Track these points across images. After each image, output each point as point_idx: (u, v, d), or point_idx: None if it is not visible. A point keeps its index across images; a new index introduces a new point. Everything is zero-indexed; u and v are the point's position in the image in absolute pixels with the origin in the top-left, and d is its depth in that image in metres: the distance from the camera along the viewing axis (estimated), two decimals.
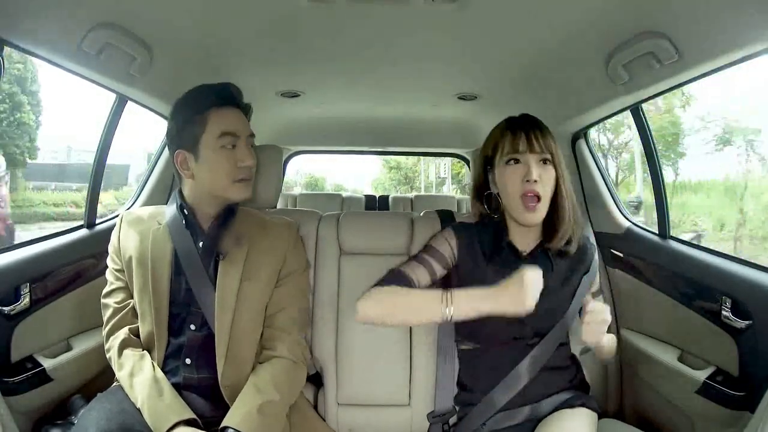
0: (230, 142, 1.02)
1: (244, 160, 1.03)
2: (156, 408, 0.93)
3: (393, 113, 2.26)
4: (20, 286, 1.14)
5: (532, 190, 0.99)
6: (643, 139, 1.42)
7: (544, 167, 1.01)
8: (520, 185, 1.00)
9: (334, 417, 1.23)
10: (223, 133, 1.01)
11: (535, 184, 0.98)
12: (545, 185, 1.00)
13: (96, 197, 1.47)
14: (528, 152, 1.00)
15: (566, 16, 1.10)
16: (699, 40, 0.99)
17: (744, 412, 1.06)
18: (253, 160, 1.06)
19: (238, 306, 1.04)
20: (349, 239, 1.32)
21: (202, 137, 1.01)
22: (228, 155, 1.02)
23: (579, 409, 1.04)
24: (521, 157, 1.01)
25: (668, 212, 1.43)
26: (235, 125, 1.03)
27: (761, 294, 1.06)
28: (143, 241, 1.07)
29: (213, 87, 1.04)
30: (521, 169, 1.00)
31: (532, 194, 0.99)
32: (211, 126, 1.01)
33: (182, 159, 1.04)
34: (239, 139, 1.04)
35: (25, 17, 0.92)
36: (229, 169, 1.02)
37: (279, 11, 1.13)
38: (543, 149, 1.00)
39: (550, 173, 1.01)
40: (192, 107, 1.03)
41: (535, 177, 0.98)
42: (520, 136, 1.01)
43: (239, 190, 1.04)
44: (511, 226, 1.08)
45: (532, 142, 1.00)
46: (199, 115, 1.01)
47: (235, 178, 1.03)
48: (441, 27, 1.20)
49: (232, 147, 1.02)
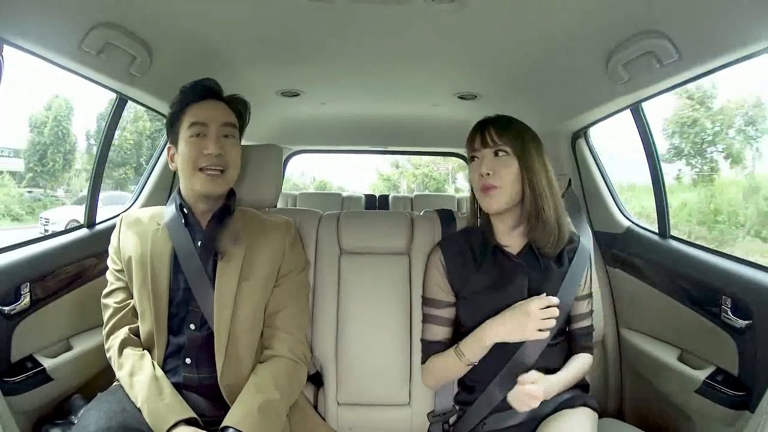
0: (198, 131, 1.05)
1: (208, 148, 1.04)
2: (156, 407, 0.93)
3: (393, 112, 2.26)
4: (20, 285, 1.13)
5: (486, 182, 1.03)
6: (643, 139, 1.42)
7: (500, 159, 1.04)
8: (478, 179, 1.05)
9: (334, 416, 1.23)
10: (191, 123, 1.06)
11: (488, 177, 1.03)
12: (501, 177, 1.03)
13: (96, 197, 1.47)
14: (482, 148, 1.05)
15: (566, 15, 1.10)
16: (699, 39, 0.99)
17: (744, 412, 1.06)
18: (223, 150, 1.05)
19: (237, 305, 1.04)
20: (349, 239, 1.32)
21: (180, 131, 1.07)
22: (194, 143, 1.05)
23: (579, 408, 1.04)
24: (478, 154, 1.07)
25: (668, 212, 1.43)
26: (204, 115, 1.06)
27: (761, 293, 1.06)
28: (143, 242, 1.08)
29: (194, 83, 1.10)
30: (478, 164, 1.06)
31: (487, 187, 1.03)
32: (185, 119, 1.07)
33: (171, 153, 1.11)
34: (208, 128, 1.06)
35: (25, 17, 0.92)
36: (193, 156, 1.04)
37: (279, 11, 1.13)
38: (497, 143, 1.04)
39: (507, 165, 1.03)
40: (177, 104, 1.09)
41: (486, 170, 1.03)
42: (476, 134, 1.07)
43: (202, 180, 1.04)
44: (496, 227, 1.10)
45: (485, 137, 1.05)
46: (180, 111, 1.08)
47: (198, 166, 1.04)
48: (441, 26, 1.20)
49: (198, 136, 1.05)
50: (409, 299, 1.26)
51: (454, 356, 1.06)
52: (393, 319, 1.25)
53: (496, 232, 1.10)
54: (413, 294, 1.26)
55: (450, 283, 1.12)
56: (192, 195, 1.08)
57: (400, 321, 1.25)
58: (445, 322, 1.12)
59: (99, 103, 13.48)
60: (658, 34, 1.03)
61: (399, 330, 1.24)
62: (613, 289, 1.57)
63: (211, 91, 1.10)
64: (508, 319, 1.01)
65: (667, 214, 1.43)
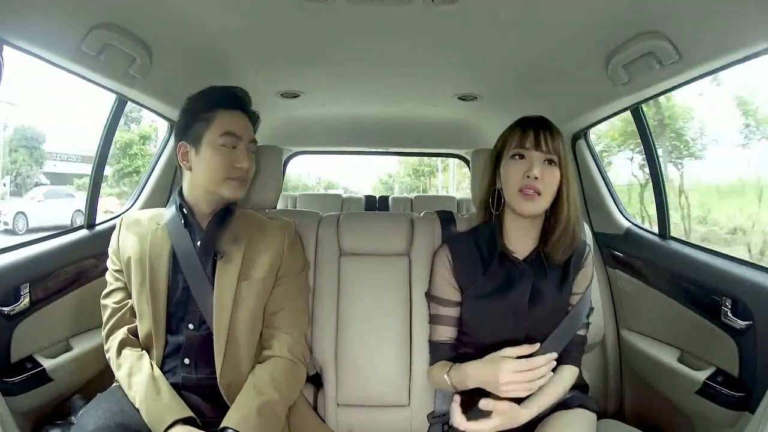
0: (231, 142, 1.05)
1: (241, 162, 1.05)
2: (154, 407, 0.93)
3: (393, 113, 2.27)
4: (20, 286, 1.14)
5: (533, 185, 0.99)
6: (643, 140, 1.42)
7: (548, 167, 1.01)
8: (521, 179, 1.00)
9: (334, 417, 1.23)
10: (225, 133, 1.05)
11: (536, 181, 0.99)
12: (546, 185, 1.00)
13: (96, 198, 1.47)
14: (534, 149, 1.01)
15: (566, 16, 1.10)
16: (699, 40, 0.99)
17: (744, 413, 1.06)
18: (251, 165, 1.08)
19: (236, 305, 1.04)
20: (349, 240, 1.32)
21: (206, 134, 1.05)
22: (227, 153, 1.05)
23: (576, 410, 1.04)
24: (526, 153, 1.01)
25: (668, 212, 1.43)
26: (238, 127, 1.06)
27: (761, 294, 1.06)
28: (142, 242, 1.08)
29: (225, 89, 1.09)
30: (525, 165, 1.01)
31: (531, 190, 0.99)
32: (215, 124, 1.05)
33: (184, 151, 1.08)
34: (240, 141, 1.06)
35: (25, 17, 0.92)
36: (225, 166, 1.04)
37: (279, 12, 1.13)
38: (550, 150, 1.00)
39: (554, 174, 1.01)
40: (202, 104, 1.07)
41: (537, 174, 0.99)
42: (528, 133, 1.02)
43: (231, 188, 1.06)
44: (508, 229, 1.08)
45: (540, 140, 1.01)
46: (206, 113, 1.05)
47: (230, 176, 1.05)
48: (440, 28, 1.20)
49: (231, 147, 1.05)
50: (409, 301, 1.26)
51: (445, 379, 1.05)
52: (393, 320, 1.25)
53: (506, 234, 1.08)
54: (413, 295, 1.25)
55: (456, 279, 1.10)
56: (202, 196, 1.08)
57: (400, 322, 1.24)
58: (453, 321, 1.11)
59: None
60: (658, 35, 1.03)
61: (399, 331, 1.24)
62: (613, 290, 1.57)
63: (244, 103, 1.11)
64: (482, 370, 0.97)
65: (667, 214, 1.43)
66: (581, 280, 1.09)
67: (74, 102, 17.28)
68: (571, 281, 1.08)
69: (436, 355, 1.12)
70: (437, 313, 1.12)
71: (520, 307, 1.03)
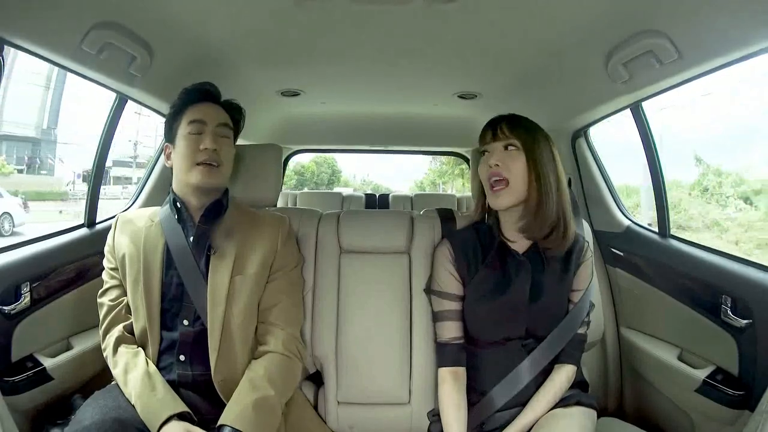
0: (197, 129, 1.08)
1: (205, 143, 1.07)
2: (149, 403, 0.94)
3: (393, 112, 2.26)
4: (20, 285, 1.14)
5: (495, 172, 1.04)
6: (643, 139, 1.42)
7: (509, 153, 1.05)
8: (487, 171, 1.06)
9: (335, 415, 1.23)
10: (192, 121, 1.09)
11: (498, 168, 1.04)
12: (510, 171, 1.03)
13: (96, 197, 1.47)
14: (493, 141, 1.06)
15: (566, 14, 1.10)
16: (699, 39, 0.99)
17: (743, 411, 1.06)
18: (219, 146, 1.09)
19: (230, 300, 1.05)
20: (349, 238, 1.32)
21: (179, 129, 1.10)
22: (193, 140, 1.08)
23: (576, 408, 1.04)
24: (488, 147, 1.08)
25: (668, 211, 1.43)
26: (203, 114, 1.10)
27: (761, 293, 1.06)
28: (136, 239, 1.09)
29: (195, 86, 1.14)
30: (488, 158, 1.07)
31: (496, 176, 1.04)
32: (184, 118, 1.10)
33: (168, 151, 1.14)
34: (206, 126, 1.09)
35: (25, 17, 0.92)
36: (191, 152, 1.07)
37: (278, 11, 1.13)
38: (508, 137, 1.05)
39: (515, 159, 1.04)
40: (176, 105, 1.13)
41: (496, 161, 1.04)
42: (488, 129, 1.08)
43: (198, 173, 1.06)
44: (504, 224, 1.10)
45: (497, 131, 1.06)
46: (179, 112, 1.11)
47: (196, 161, 1.07)
48: (441, 26, 1.20)
49: (198, 134, 1.08)
50: (409, 298, 1.26)
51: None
52: (393, 318, 1.25)
53: (504, 230, 1.10)
54: (413, 293, 1.26)
55: (458, 269, 1.11)
56: (186, 190, 1.09)
57: (401, 320, 1.25)
58: (457, 315, 1.10)
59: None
60: (658, 33, 1.03)
61: (399, 329, 1.24)
62: (613, 289, 1.58)
63: (210, 94, 1.14)
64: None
65: (667, 213, 1.43)
66: (582, 277, 1.09)
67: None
68: (571, 276, 1.08)
69: (443, 359, 1.10)
70: (440, 309, 1.12)
71: (520, 303, 1.04)
